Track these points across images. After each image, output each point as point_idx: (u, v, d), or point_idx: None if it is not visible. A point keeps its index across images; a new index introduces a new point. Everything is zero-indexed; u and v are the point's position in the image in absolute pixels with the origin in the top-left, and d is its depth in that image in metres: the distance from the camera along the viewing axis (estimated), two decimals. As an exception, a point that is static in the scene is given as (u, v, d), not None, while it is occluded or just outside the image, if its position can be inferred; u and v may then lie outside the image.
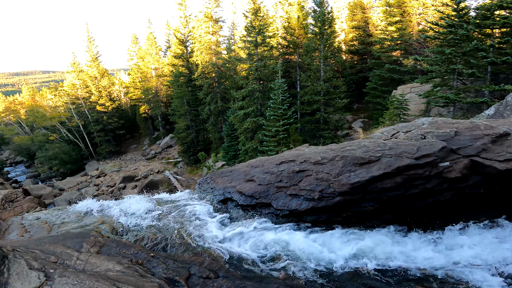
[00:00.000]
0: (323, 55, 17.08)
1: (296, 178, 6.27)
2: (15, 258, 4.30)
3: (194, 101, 26.65)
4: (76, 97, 36.40)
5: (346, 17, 28.64)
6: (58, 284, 3.78)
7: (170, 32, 39.74)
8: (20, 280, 3.83)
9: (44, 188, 24.35)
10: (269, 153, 14.99)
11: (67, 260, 4.75)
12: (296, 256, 5.39)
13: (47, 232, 7.12)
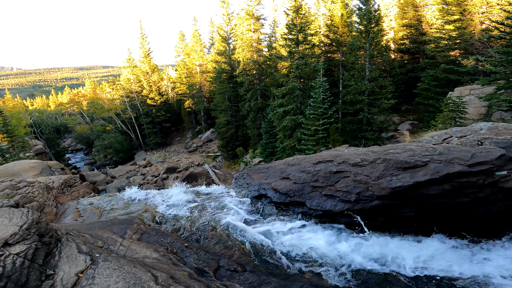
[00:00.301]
0: (369, 53, 16.23)
1: (332, 179, 6.19)
2: (67, 242, 4.71)
3: (235, 97, 27.27)
4: (130, 91, 39.38)
5: (396, 15, 27.06)
6: (101, 268, 4.08)
7: (213, 29, 40.96)
8: (68, 263, 4.17)
9: (99, 175, 26.62)
10: (307, 151, 14.79)
11: (112, 245, 5.16)
12: (324, 257, 5.33)
13: (98, 217, 7.88)
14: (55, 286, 3.67)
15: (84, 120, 50.78)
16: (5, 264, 3.51)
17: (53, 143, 40.65)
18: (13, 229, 3.98)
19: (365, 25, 16.09)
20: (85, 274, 3.93)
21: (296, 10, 17.21)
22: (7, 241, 3.76)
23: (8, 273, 3.45)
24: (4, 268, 3.46)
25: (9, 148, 26.87)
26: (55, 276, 3.84)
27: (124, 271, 3.97)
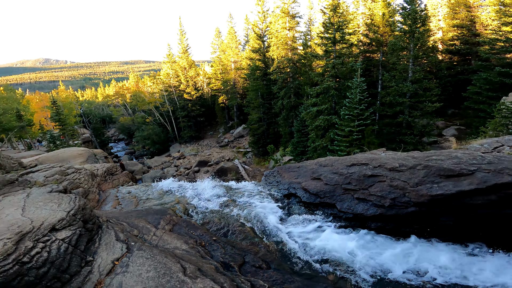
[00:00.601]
0: (413, 54, 15.18)
1: (366, 183, 6.06)
2: (107, 229, 4.99)
3: (268, 95, 27.23)
4: (168, 85, 41.14)
5: (445, 15, 25.20)
6: (135, 257, 4.27)
7: (248, 26, 41.09)
8: (106, 250, 4.41)
9: (137, 165, 28.13)
10: (339, 153, 14.38)
11: (146, 235, 5.39)
12: (350, 260, 5.21)
13: (134, 206, 8.36)
14: (93, 273, 3.87)
15: (127, 111, 54.14)
16: (50, 250, 3.72)
17: (99, 132, 44.01)
18: (61, 214, 4.29)
19: (409, 25, 15.11)
20: (120, 261, 4.12)
21: (334, 9, 16.69)
22: (55, 226, 4.02)
23: (52, 259, 3.66)
24: (49, 254, 3.67)
25: (60, 136, 29.64)
26: (93, 262, 4.04)
27: (156, 261, 4.13)
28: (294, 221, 6.73)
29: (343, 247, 5.49)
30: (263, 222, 6.68)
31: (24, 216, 4.17)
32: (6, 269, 3.29)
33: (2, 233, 3.68)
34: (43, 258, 3.60)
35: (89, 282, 3.78)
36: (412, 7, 15.16)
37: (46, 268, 3.59)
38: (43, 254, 3.63)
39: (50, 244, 3.81)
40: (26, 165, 10.05)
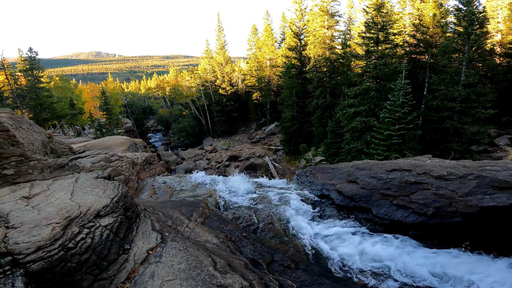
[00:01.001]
0: (467, 57, 13.89)
1: (408, 189, 5.86)
2: (144, 218, 5.13)
3: (302, 93, 26.79)
4: (205, 80, 42.35)
5: (505, 17, 22.83)
6: (168, 247, 4.35)
7: (285, 24, 40.54)
8: (142, 239, 4.50)
9: (171, 155, 29.28)
10: (375, 156, 13.74)
11: (179, 226, 5.53)
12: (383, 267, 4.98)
13: (169, 196, 8.68)
14: (128, 261, 3.97)
15: (166, 104, 56.85)
16: (93, 236, 3.80)
17: (140, 122, 46.76)
18: (106, 201, 4.54)
19: (464, 26, 13.90)
20: (154, 251, 4.22)
21: (378, 8, 15.89)
22: (99, 213, 4.18)
23: (94, 245, 3.73)
24: (93, 240, 3.74)
25: (106, 124, 32.02)
26: (130, 251, 4.14)
27: (188, 253, 4.20)
28: (326, 222, 6.60)
29: (376, 252, 5.32)
30: (294, 221, 6.60)
31: (72, 201, 4.43)
32: (52, 254, 3.35)
33: (52, 217, 3.82)
34: (86, 244, 3.68)
35: (124, 270, 3.86)
36: (468, 9, 13.99)
37: (88, 254, 3.64)
38: (87, 240, 3.71)
39: (94, 230, 3.88)
40: (75, 150, 10.98)
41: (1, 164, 5.77)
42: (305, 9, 29.05)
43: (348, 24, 29.60)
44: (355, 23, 29.40)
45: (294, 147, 26.62)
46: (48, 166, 6.64)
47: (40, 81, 30.75)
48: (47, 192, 4.95)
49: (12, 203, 4.32)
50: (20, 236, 3.43)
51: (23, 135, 6.85)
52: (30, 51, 30.33)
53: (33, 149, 7.15)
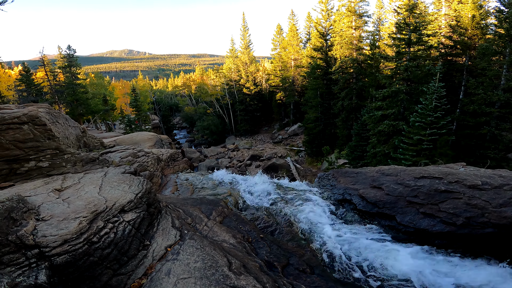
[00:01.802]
0: (508, 60, 12.91)
1: (437, 198, 5.69)
2: (165, 214, 5.20)
3: (327, 95, 26.29)
4: (230, 79, 42.85)
5: None
6: (186, 245, 4.37)
7: (310, 24, 39.88)
8: (162, 235, 4.54)
9: (195, 153, 29.90)
10: (403, 161, 13.20)
11: (198, 224, 5.55)
12: (404, 276, 4.75)
13: (190, 194, 8.82)
14: (147, 257, 4.02)
15: (191, 102, 58.28)
16: (117, 231, 3.86)
17: (166, 119, 48.35)
18: (130, 196, 4.66)
19: (506, 28, 12.94)
20: (172, 248, 4.26)
21: (410, 9, 15.26)
22: (124, 208, 4.28)
23: (117, 240, 3.78)
24: (115, 235, 3.80)
25: (135, 120, 33.46)
26: (149, 247, 4.20)
27: (205, 252, 4.21)
28: (346, 228, 6.42)
29: (396, 261, 5.10)
30: (313, 225, 6.49)
31: (100, 195, 4.61)
32: (77, 248, 3.41)
33: (80, 211, 3.95)
34: (109, 239, 3.75)
35: (142, 266, 3.91)
36: (510, 10, 13.01)
37: (110, 249, 3.69)
38: (110, 235, 3.78)
39: (118, 225, 3.96)
40: (106, 145, 11.54)
41: (37, 157, 6.20)
42: (332, 9, 28.53)
43: (377, 24, 28.65)
44: (385, 23, 28.36)
45: (316, 148, 26.21)
46: (80, 160, 7.05)
47: (77, 78, 32.70)
48: (78, 185, 5.23)
49: (44, 195, 4.58)
50: (48, 229, 3.53)
51: (59, 129, 7.32)
52: (68, 49, 32.32)
53: (68, 143, 7.62)
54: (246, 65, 42.25)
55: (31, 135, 6.17)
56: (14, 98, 30.71)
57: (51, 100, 29.80)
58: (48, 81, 30.12)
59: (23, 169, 6.14)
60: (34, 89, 28.82)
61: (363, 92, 22.20)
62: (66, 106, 31.45)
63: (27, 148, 6.14)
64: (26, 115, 6.22)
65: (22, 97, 28.67)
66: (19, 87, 29.70)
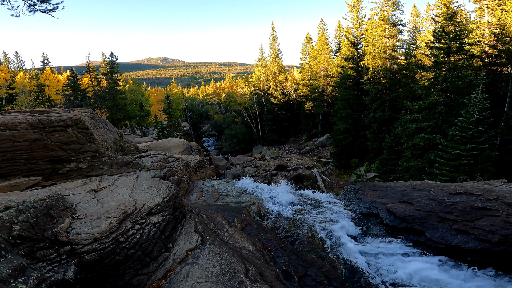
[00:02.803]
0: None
1: (473, 214, 5.64)
2: (189, 219, 5.34)
3: (358, 106, 25.57)
4: (258, 88, 43.34)
5: None
6: (206, 250, 4.44)
7: (341, 33, 39.30)
8: (184, 239, 4.66)
9: (222, 160, 30.48)
10: (439, 177, 12.51)
11: (220, 230, 5.65)
12: None
13: (215, 200, 8.98)
14: (168, 259, 4.13)
15: (220, 110, 59.74)
16: (143, 232, 4.01)
17: (196, 126, 49.97)
18: (158, 199, 4.87)
19: None
20: (193, 252, 4.35)
21: (449, 17, 14.50)
22: (151, 210, 4.46)
23: (142, 241, 3.92)
24: (141, 236, 3.94)
25: (167, 127, 34.98)
26: (171, 250, 4.31)
27: (223, 258, 4.27)
28: (370, 242, 6.31)
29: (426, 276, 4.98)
30: (335, 237, 6.36)
31: (131, 197, 4.86)
32: (105, 246, 3.53)
33: (112, 211, 4.17)
34: (135, 239, 3.89)
35: (162, 267, 4.02)
36: None
37: (135, 249, 3.83)
38: (136, 236, 3.93)
39: (144, 227, 4.11)
40: (140, 149, 12.16)
41: (78, 158, 6.72)
42: (363, 18, 28.03)
43: (413, 33, 27.52)
44: (422, 32, 27.18)
45: (345, 161, 25.49)
46: (116, 163, 7.51)
47: (118, 84, 34.98)
48: (112, 186, 5.57)
49: (81, 195, 4.93)
50: (82, 227, 3.69)
51: (99, 133, 7.89)
52: (111, 56, 34.80)
53: (106, 146, 8.18)
54: (275, 74, 42.50)
55: (74, 138, 6.72)
56: (61, 102, 33.65)
57: (94, 105, 32.03)
58: (92, 86, 32.47)
59: (65, 169, 6.69)
60: (79, 94, 31.28)
61: (397, 104, 21.28)
62: (107, 111, 33.61)
63: (70, 150, 6.68)
64: (71, 119, 6.80)
65: (69, 101, 31.26)
66: (66, 92, 32.42)
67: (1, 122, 6.34)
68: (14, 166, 6.44)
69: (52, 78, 35.44)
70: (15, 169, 6.45)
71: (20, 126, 6.31)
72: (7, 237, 3.05)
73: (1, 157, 6.31)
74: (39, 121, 6.45)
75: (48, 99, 32.87)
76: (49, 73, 36.76)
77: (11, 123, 6.32)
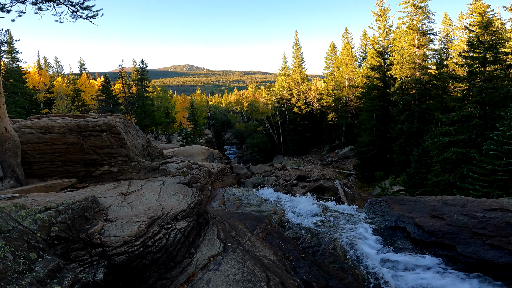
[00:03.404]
0: None
1: (508, 230, 5.67)
2: (212, 226, 5.42)
3: (384, 117, 24.79)
4: (281, 97, 43.29)
5: None
6: (228, 257, 4.48)
7: (366, 42, 38.57)
8: (207, 246, 4.71)
9: (243, 169, 30.57)
10: (471, 192, 11.93)
11: (241, 238, 5.69)
12: None
13: (236, 208, 9.05)
14: (191, 264, 4.19)
15: (243, 118, 60.40)
16: (168, 237, 4.10)
17: (218, 134, 50.80)
18: (183, 205, 5.00)
19: None
20: (215, 259, 4.40)
21: (484, 26, 13.88)
22: (177, 216, 4.58)
23: (167, 246, 4.00)
24: (167, 240, 4.03)
25: (191, 134, 35.88)
26: (194, 255, 4.37)
27: (245, 266, 4.28)
28: (395, 255, 6.19)
29: None
30: (358, 249, 6.29)
31: (158, 202, 5.03)
32: (134, 249, 3.62)
33: (141, 215, 4.30)
34: (161, 244, 3.98)
35: (185, 272, 4.06)
36: None
37: (161, 253, 3.90)
38: (162, 240, 4.03)
39: (170, 232, 4.20)
40: (165, 155, 12.58)
41: (109, 162, 7.09)
42: (390, 27, 27.44)
43: (444, 42, 26.48)
44: (454, 41, 26.09)
45: (368, 173, 24.71)
46: (144, 168, 7.83)
47: (147, 91, 36.49)
48: (140, 191, 5.80)
49: (113, 198, 5.16)
50: (113, 230, 3.80)
51: (130, 139, 8.28)
52: (141, 63, 36.47)
53: (135, 151, 8.55)
54: (297, 84, 42.37)
55: (108, 142, 7.11)
56: (95, 107, 35.66)
57: (125, 110, 33.62)
58: (123, 92, 34.07)
59: (97, 172, 7.07)
60: (112, 100, 33.00)
61: (427, 116, 20.41)
62: (136, 117, 35.11)
63: (103, 154, 7.07)
64: (106, 124, 7.22)
65: (102, 106, 33.07)
66: (100, 97, 34.28)
67: (43, 125, 6.86)
68: (51, 168, 6.91)
69: (87, 84, 37.56)
70: (52, 170, 6.92)
71: (60, 130, 6.79)
72: (45, 237, 3.16)
73: (40, 158, 6.80)
74: (77, 126, 6.91)
75: (83, 103, 34.96)
76: (85, 78, 38.90)
77: (51, 126, 6.82)
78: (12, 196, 4.83)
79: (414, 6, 22.00)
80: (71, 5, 7.13)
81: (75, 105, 34.39)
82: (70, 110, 32.56)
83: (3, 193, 5.21)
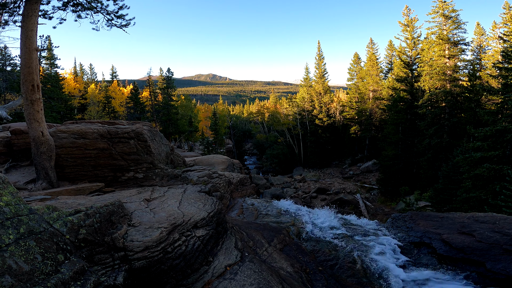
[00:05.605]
0: None
1: None
2: (230, 235, 5.46)
3: (410, 131, 23.86)
4: (302, 109, 42.99)
5: None
6: (245, 267, 4.46)
7: (392, 53, 37.57)
8: (224, 254, 4.74)
9: (262, 179, 30.38)
10: (504, 209, 11.41)
11: (258, 248, 5.66)
12: None
13: (254, 218, 9.03)
14: (207, 272, 4.21)
15: (263, 129, 60.65)
16: (187, 244, 4.17)
17: (239, 144, 51.13)
18: (203, 214, 5.08)
19: None
20: (231, 268, 4.40)
21: (521, 36, 13.08)
22: (197, 224, 4.66)
23: (186, 253, 4.06)
24: (186, 248, 4.10)
25: (212, 143, 36.48)
26: (211, 263, 4.40)
27: (261, 276, 4.24)
28: (419, 271, 6.03)
29: None
30: (380, 264, 6.09)
31: (179, 209, 5.15)
32: (154, 255, 3.68)
33: (162, 221, 4.40)
34: (181, 251, 4.05)
35: (201, 280, 4.08)
36: None
37: (179, 260, 3.95)
38: (182, 247, 4.09)
39: (189, 239, 4.27)
40: (187, 163, 12.89)
41: (135, 168, 7.39)
42: (418, 37, 26.61)
43: (477, 52, 25.25)
44: (487, 51, 24.82)
45: (392, 187, 23.76)
46: (167, 175, 8.08)
47: (172, 99, 37.66)
48: (162, 198, 5.98)
49: (137, 203, 5.35)
50: (136, 235, 3.89)
51: (155, 146, 8.61)
52: (168, 71, 37.77)
53: (159, 159, 8.86)
54: (320, 95, 41.95)
55: (135, 149, 7.44)
56: (123, 114, 37.36)
57: (151, 118, 34.83)
58: (150, 100, 35.37)
59: (124, 177, 7.39)
60: (139, 107, 34.46)
61: (457, 130, 19.39)
62: (160, 125, 36.26)
63: (130, 160, 7.39)
64: (134, 131, 7.58)
65: (129, 113, 34.55)
66: (128, 104, 35.83)
67: (77, 130, 7.33)
68: (82, 172, 7.32)
69: (117, 91, 39.48)
70: (83, 174, 7.33)
71: (92, 136, 7.22)
72: (73, 239, 3.29)
73: (73, 162, 7.24)
74: (108, 132, 7.31)
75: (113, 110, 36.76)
76: (115, 85, 40.89)
77: (84, 132, 7.27)
78: (44, 198, 5.13)
79: (444, 16, 21.34)
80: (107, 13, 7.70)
81: (106, 112, 36.20)
82: (101, 116, 34.36)
83: (36, 194, 5.57)
